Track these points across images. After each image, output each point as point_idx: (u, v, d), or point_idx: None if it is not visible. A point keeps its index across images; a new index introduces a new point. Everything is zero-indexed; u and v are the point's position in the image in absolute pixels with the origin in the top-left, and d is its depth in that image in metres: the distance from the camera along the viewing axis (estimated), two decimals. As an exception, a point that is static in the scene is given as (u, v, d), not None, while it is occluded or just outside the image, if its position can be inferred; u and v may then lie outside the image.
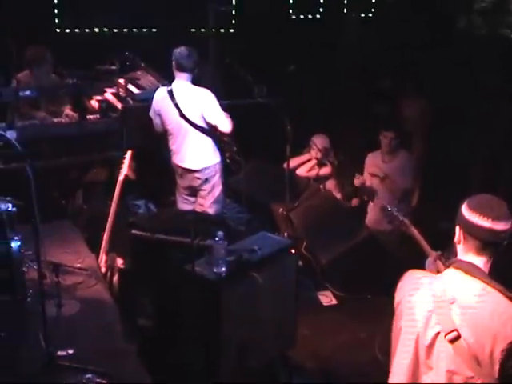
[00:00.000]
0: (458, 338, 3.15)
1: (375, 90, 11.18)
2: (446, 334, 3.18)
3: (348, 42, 11.35)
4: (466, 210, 3.31)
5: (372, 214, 8.66)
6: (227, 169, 7.88)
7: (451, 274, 3.31)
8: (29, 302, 5.72)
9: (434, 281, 3.34)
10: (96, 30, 10.46)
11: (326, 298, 7.51)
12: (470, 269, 3.26)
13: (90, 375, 4.86)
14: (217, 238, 5.31)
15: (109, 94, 8.66)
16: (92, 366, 4.93)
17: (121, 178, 6.82)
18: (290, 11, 11.64)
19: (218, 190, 7.80)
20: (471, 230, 3.28)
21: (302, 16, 11.72)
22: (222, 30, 10.74)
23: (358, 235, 7.66)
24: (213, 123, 7.51)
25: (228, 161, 7.84)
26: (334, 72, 10.98)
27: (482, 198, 3.38)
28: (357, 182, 8.64)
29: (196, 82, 7.68)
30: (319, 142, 9.32)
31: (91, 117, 8.28)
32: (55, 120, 8.24)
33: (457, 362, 3.17)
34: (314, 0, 11.75)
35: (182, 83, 7.62)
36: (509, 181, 8.91)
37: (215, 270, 5.30)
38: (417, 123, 10.12)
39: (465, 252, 3.33)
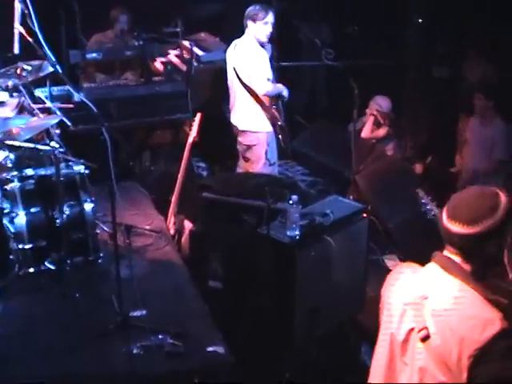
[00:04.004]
0: (428, 337, 2.88)
1: (436, 54, 11.01)
2: (418, 331, 2.92)
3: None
4: None
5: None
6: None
7: (430, 269, 3.01)
8: (101, 263, 5.81)
9: (414, 274, 3.07)
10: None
11: (392, 262, 7.44)
12: (447, 265, 2.94)
13: (163, 336, 4.91)
14: (291, 202, 5.29)
15: (173, 56, 8.68)
16: (165, 326, 4.99)
17: (190, 140, 6.81)
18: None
19: (261, 164, 7.76)
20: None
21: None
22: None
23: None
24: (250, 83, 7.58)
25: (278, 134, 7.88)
26: (397, 36, 10.81)
27: (466, 191, 3.03)
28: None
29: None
30: (380, 102, 9.22)
31: (156, 79, 8.31)
32: (119, 82, 8.30)
33: (429, 363, 2.89)
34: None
35: (244, 38, 7.66)
36: None
37: (289, 234, 5.29)
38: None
39: (445, 246, 3.00)
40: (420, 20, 10.29)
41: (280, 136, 7.85)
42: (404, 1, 10.63)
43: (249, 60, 7.53)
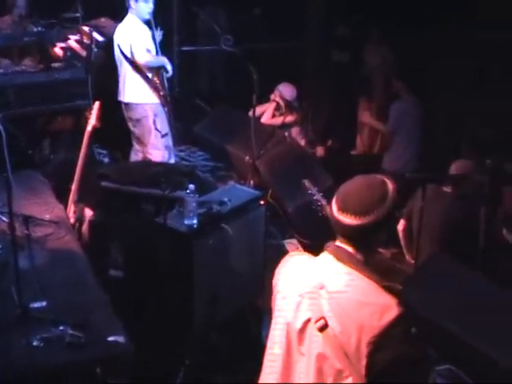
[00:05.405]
0: (325, 326, 2.90)
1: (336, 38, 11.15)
2: (316, 322, 2.93)
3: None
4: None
5: None
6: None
7: (324, 258, 3.04)
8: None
9: (307, 264, 3.08)
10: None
11: (293, 246, 7.52)
12: (340, 255, 2.99)
13: (63, 327, 4.90)
14: (188, 191, 5.34)
15: (73, 42, 8.59)
16: (65, 317, 4.98)
17: (89, 128, 6.76)
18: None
19: (152, 136, 7.97)
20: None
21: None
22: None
23: (323, 183, 7.68)
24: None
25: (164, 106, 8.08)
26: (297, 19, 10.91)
27: (354, 181, 3.05)
28: None
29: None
30: (283, 89, 9.34)
31: (56, 65, 8.23)
32: (18, 69, 8.18)
33: (327, 351, 2.91)
34: None
35: (126, 18, 8.02)
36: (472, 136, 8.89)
37: (186, 222, 5.34)
38: (377, 71, 10.09)
39: (337, 236, 3.06)
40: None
41: (166, 108, 8.02)
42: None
43: (129, 33, 7.82)
